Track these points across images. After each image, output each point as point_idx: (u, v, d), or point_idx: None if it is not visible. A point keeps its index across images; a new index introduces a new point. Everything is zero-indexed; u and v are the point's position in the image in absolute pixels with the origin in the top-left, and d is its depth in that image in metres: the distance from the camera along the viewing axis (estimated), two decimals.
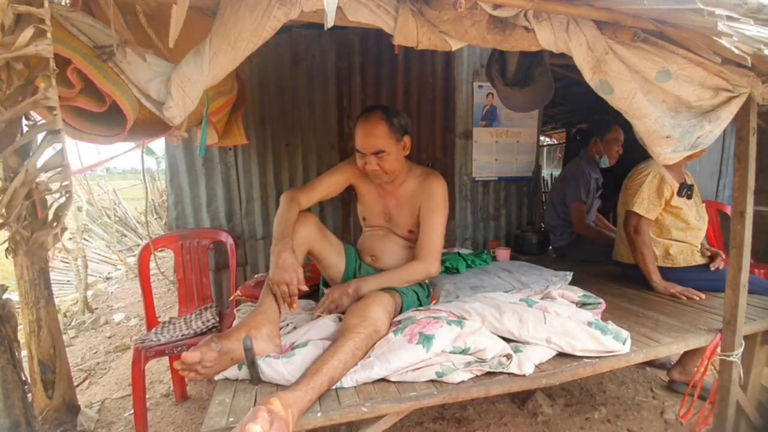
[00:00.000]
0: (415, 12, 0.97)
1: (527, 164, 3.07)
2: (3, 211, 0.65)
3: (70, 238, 4.89)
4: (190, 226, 2.54)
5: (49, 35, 0.61)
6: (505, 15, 1.01)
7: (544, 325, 1.32)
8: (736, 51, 0.89)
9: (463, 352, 1.23)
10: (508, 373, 1.20)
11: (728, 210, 3.27)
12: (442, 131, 2.91)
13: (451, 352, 1.23)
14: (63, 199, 0.72)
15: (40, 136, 0.73)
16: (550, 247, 2.86)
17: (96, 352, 3.32)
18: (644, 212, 1.92)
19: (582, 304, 1.56)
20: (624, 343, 1.32)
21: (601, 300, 1.58)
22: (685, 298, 1.84)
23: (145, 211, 3.05)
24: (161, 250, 2.91)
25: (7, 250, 1.88)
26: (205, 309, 2.33)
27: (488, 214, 3.05)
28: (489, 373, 1.20)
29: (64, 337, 3.64)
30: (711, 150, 3.38)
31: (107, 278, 5.77)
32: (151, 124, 0.99)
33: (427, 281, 1.78)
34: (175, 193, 2.50)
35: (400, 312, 1.52)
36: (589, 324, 1.34)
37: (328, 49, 2.63)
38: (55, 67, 0.63)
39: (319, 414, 1.03)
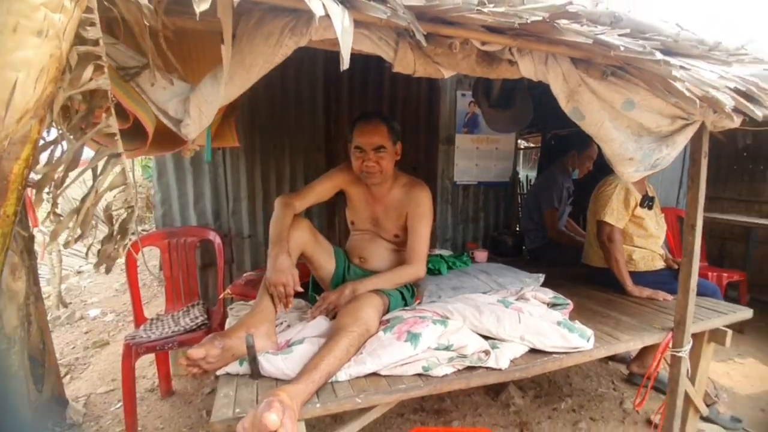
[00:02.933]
0: (413, 45, 1.07)
1: (505, 170, 3.23)
2: (79, 228, 0.72)
3: (39, 231, 4.76)
4: (177, 224, 2.57)
5: (106, 70, 0.68)
6: (492, 50, 1.12)
7: (519, 324, 1.47)
8: (687, 94, 1.03)
9: (447, 348, 1.36)
10: (486, 367, 1.34)
11: (684, 215, 3.54)
12: (426, 136, 3.03)
13: (435, 349, 1.36)
14: (126, 214, 0.79)
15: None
16: (525, 249, 3.04)
17: (74, 348, 3.30)
18: (615, 221, 2.10)
19: (552, 305, 1.72)
20: (588, 341, 1.48)
21: (569, 301, 1.74)
22: (661, 299, 2.02)
23: (134, 205, 3.03)
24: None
25: None
26: (193, 306, 2.38)
27: (468, 217, 3.21)
28: (469, 368, 1.34)
29: None
30: (674, 160, 3.66)
31: (79, 272, 5.63)
32: (166, 138, 1.06)
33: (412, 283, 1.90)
34: (162, 191, 2.52)
35: (387, 311, 1.63)
36: (558, 323, 1.50)
37: (317, 53, 2.70)
38: (113, 98, 0.71)
39: (317, 405, 1.13)
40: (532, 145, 7.40)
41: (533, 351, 1.46)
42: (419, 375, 1.29)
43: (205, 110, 1.00)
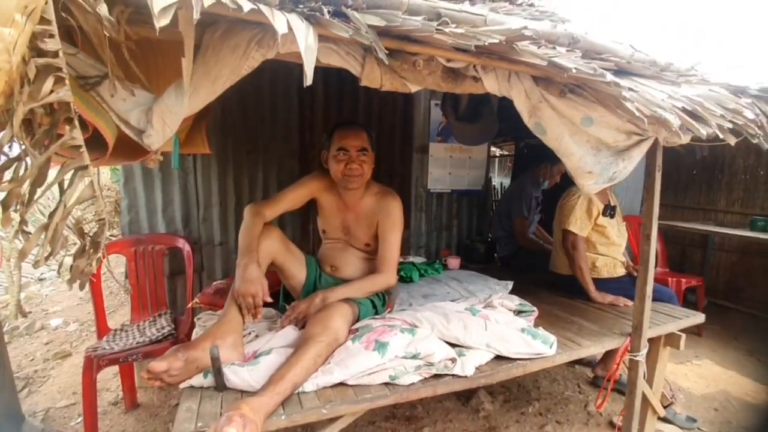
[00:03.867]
0: (380, 61, 1.09)
1: (478, 178, 3.30)
2: (48, 245, 0.70)
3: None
4: (144, 231, 2.51)
5: (67, 82, 0.67)
6: (457, 66, 1.16)
7: (485, 331, 1.51)
8: (637, 113, 1.10)
9: (414, 357, 1.38)
10: (453, 375, 1.36)
11: None
12: (401, 145, 3.07)
13: (403, 357, 1.37)
14: (97, 227, 0.77)
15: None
16: (496, 256, 3.11)
17: (33, 360, 3.16)
18: (578, 230, 2.18)
19: (518, 312, 1.77)
20: (551, 347, 1.53)
21: (535, 308, 1.80)
22: (622, 305, 2.11)
23: (105, 218, 2.93)
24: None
25: None
26: (160, 316, 2.32)
27: (441, 224, 3.26)
28: (436, 375, 1.36)
29: None
30: (637, 169, 3.81)
31: (40, 279, 5.39)
32: (128, 148, 1.04)
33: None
34: (129, 198, 2.46)
35: (358, 320, 1.64)
36: (523, 330, 1.54)
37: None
38: (76, 110, 0.69)
39: (282, 417, 1.13)
40: (506, 152, 7.58)
41: (499, 357, 1.49)
42: (386, 384, 1.31)
43: (169, 121, 0.99)
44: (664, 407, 2.11)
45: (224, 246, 2.69)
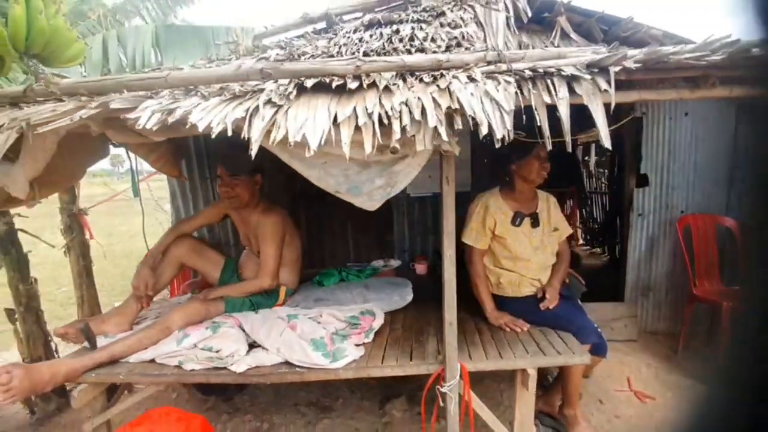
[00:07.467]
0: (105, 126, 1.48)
1: (464, 179, 3.07)
2: None
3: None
4: None
5: None
6: None
7: (279, 337, 1.70)
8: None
9: (209, 349, 1.71)
10: (229, 369, 1.64)
11: (728, 223, 2.71)
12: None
13: (202, 348, 1.72)
14: None
15: None
16: None
17: None
18: (472, 242, 1.99)
19: (350, 324, 1.83)
20: (334, 361, 1.60)
21: (361, 321, 1.81)
22: (508, 329, 1.88)
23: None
24: None
25: (64, 252, 3.03)
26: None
27: (426, 228, 3.20)
28: (217, 368, 1.66)
29: None
30: (714, 155, 2.79)
31: None
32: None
33: (281, 292, 2.23)
34: (176, 212, 3.42)
35: (223, 314, 2.03)
36: (311, 341, 1.66)
37: None
38: None
39: (93, 375, 1.66)
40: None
41: (288, 362, 1.66)
42: (177, 366, 1.69)
43: (19, 183, 1.63)
44: None
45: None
